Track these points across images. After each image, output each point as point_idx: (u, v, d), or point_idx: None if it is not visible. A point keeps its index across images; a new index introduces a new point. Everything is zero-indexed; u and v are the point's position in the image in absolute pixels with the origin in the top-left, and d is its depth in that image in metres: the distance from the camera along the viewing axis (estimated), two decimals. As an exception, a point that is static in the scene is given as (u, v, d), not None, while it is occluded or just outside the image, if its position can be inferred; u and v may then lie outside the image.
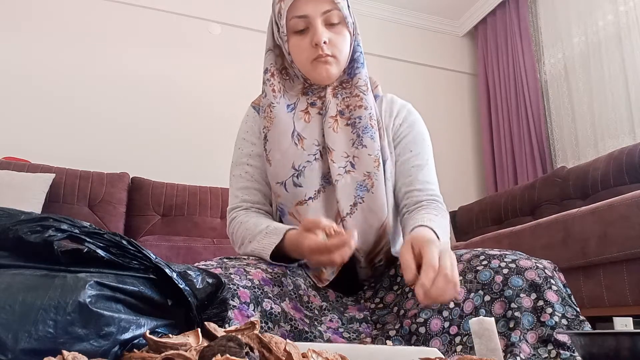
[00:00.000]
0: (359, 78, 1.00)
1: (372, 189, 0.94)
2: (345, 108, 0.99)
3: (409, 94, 3.60)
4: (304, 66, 0.97)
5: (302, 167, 0.95)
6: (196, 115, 3.02)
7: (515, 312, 0.76)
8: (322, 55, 0.94)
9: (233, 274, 0.80)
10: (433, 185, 1.01)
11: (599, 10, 2.95)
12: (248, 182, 1.03)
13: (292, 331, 0.78)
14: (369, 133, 0.96)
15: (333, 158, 0.95)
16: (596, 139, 2.93)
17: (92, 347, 0.48)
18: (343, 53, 0.98)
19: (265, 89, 1.00)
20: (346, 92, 1.00)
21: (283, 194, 0.96)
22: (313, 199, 0.95)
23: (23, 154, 2.48)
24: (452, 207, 3.32)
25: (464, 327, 0.77)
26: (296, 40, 0.96)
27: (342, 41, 0.97)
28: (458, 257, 0.86)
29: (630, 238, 1.49)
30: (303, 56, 0.96)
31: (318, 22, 0.94)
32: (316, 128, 0.98)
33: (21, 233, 0.50)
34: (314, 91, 1.01)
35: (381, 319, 0.89)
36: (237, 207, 1.02)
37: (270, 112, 0.98)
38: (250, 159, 1.03)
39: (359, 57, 1.01)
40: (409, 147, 1.02)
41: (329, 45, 0.94)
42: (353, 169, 0.95)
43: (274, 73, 1.01)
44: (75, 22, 2.88)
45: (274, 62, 1.02)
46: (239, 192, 1.03)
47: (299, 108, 1.00)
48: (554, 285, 0.78)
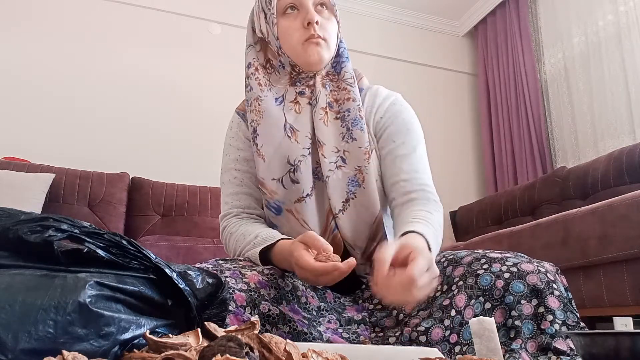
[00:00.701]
0: (345, 71, 0.99)
1: (363, 183, 0.92)
2: (334, 101, 0.97)
3: (409, 93, 3.60)
4: (295, 49, 0.95)
5: (297, 161, 0.93)
6: (196, 115, 3.02)
7: (516, 321, 0.75)
8: (314, 36, 0.93)
9: (229, 277, 0.79)
10: (421, 174, 0.96)
11: (599, 10, 2.95)
12: (237, 187, 1.01)
13: (290, 332, 0.78)
14: (359, 125, 0.94)
15: (324, 153, 0.93)
16: (596, 139, 2.93)
17: (92, 347, 0.48)
18: (332, 38, 0.97)
19: (251, 82, 0.98)
20: (334, 85, 0.99)
21: (281, 190, 0.94)
22: (310, 196, 0.93)
23: (23, 154, 2.48)
24: (452, 207, 3.32)
25: (464, 337, 0.76)
26: (286, 22, 0.94)
27: (331, 26, 0.97)
28: (459, 259, 0.85)
29: (630, 238, 1.49)
30: (294, 38, 0.94)
31: (309, 3, 0.93)
32: (307, 119, 0.96)
33: (21, 233, 0.50)
34: (302, 80, 0.98)
35: (380, 321, 0.88)
36: (227, 214, 1.01)
37: (259, 105, 0.95)
38: (237, 163, 1.02)
39: (344, 52, 1.01)
40: (392, 137, 0.98)
41: (320, 28, 0.93)
42: (344, 164, 0.93)
43: (258, 67, 0.99)
44: (75, 22, 2.88)
45: (256, 57, 1.00)
46: (229, 199, 1.02)
47: (288, 99, 0.97)
48: (555, 290, 0.77)
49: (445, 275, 0.84)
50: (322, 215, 0.94)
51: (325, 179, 0.92)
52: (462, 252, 0.88)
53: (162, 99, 2.97)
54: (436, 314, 0.80)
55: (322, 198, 0.94)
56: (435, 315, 0.80)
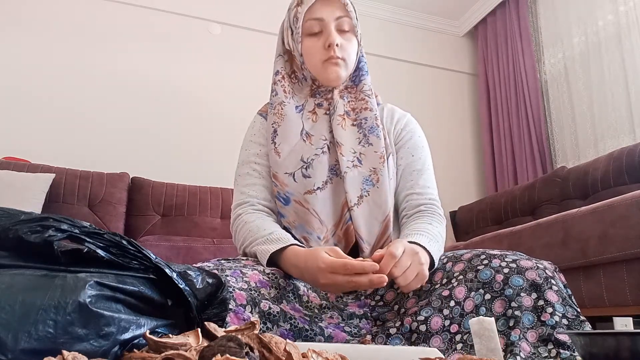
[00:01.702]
0: (364, 84, 1.08)
1: (377, 183, 0.99)
2: (351, 110, 1.05)
3: (409, 93, 3.63)
4: (315, 67, 1.03)
5: (310, 159, 1.01)
6: (196, 115, 3.02)
7: (516, 311, 0.76)
8: (333, 57, 1.01)
9: (229, 276, 0.80)
10: (432, 190, 1.06)
11: (599, 10, 2.95)
12: (255, 179, 1.06)
13: (291, 329, 0.78)
14: (375, 132, 1.02)
15: (342, 152, 1.00)
16: (596, 139, 2.93)
17: (92, 347, 0.48)
18: (351, 58, 1.05)
19: (277, 88, 1.07)
20: (352, 96, 1.07)
21: (291, 183, 1.00)
22: (321, 189, 0.99)
23: (23, 154, 2.48)
24: (452, 207, 3.32)
25: (465, 326, 0.77)
26: (310, 42, 1.03)
27: (351, 47, 1.04)
28: (459, 256, 0.88)
29: (630, 238, 1.49)
30: (316, 57, 1.03)
31: (332, 26, 1.01)
32: (324, 126, 1.04)
33: (21, 233, 0.50)
34: (321, 93, 1.07)
35: (381, 315, 0.90)
36: (243, 202, 1.04)
37: (282, 109, 1.04)
38: (257, 157, 1.07)
39: (364, 66, 1.09)
40: (411, 151, 1.08)
41: (340, 49, 1.01)
42: (360, 164, 1.01)
43: (284, 76, 1.07)
44: (75, 22, 2.88)
45: (284, 66, 1.08)
46: (245, 189, 1.05)
47: (307, 109, 1.06)
48: (554, 285, 0.79)
49: (445, 271, 0.87)
50: (337, 207, 1.00)
51: (343, 175, 0.99)
52: (461, 250, 0.91)
53: (162, 98, 2.97)
54: (435, 303, 0.82)
55: (338, 191, 1.00)
56: (434, 304, 0.82)
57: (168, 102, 2.98)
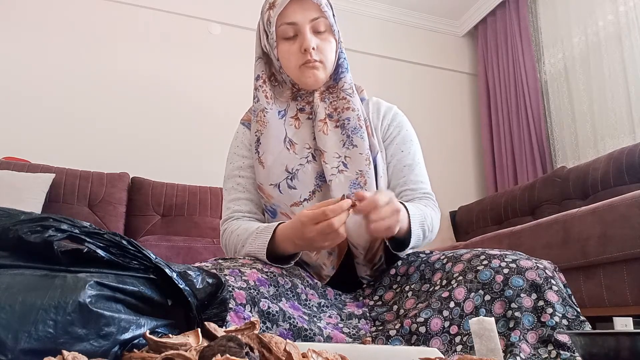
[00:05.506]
0: (344, 82, 1.05)
1: (365, 186, 0.98)
2: (334, 111, 1.03)
3: (408, 94, 3.62)
4: (293, 71, 1.02)
5: (295, 170, 0.99)
6: (196, 115, 3.02)
7: (516, 312, 0.76)
8: (310, 61, 0.99)
9: (228, 275, 0.80)
10: (425, 185, 1.05)
11: (599, 10, 2.95)
12: (240, 193, 1.05)
13: (291, 329, 0.78)
14: (359, 133, 1.00)
15: (325, 159, 0.98)
16: (596, 139, 2.93)
17: (92, 347, 0.48)
18: (329, 59, 1.02)
19: (258, 94, 1.05)
20: (333, 96, 1.05)
21: (277, 195, 0.99)
22: (308, 201, 0.98)
23: (23, 154, 2.48)
24: (452, 207, 3.32)
25: (464, 327, 0.77)
26: (285, 47, 1.01)
27: (328, 48, 1.02)
28: (458, 257, 0.87)
29: (630, 238, 1.49)
30: (292, 62, 1.00)
31: (306, 29, 0.98)
32: (307, 132, 1.02)
33: (21, 233, 0.50)
34: (302, 96, 1.05)
35: (380, 316, 0.89)
36: (228, 218, 1.04)
37: (264, 116, 1.02)
38: (241, 170, 1.06)
39: (343, 63, 1.06)
40: (400, 147, 1.06)
41: (316, 51, 0.99)
42: (345, 169, 0.99)
43: (265, 80, 1.05)
44: (75, 22, 2.88)
45: (264, 69, 1.06)
46: (231, 204, 1.05)
47: (289, 115, 1.04)
48: (554, 285, 0.78)
49: (444, 272, 0.87)
50: None
51: (329, 182, 0.97)
52: (461, 250, 0.91)
53: (162, 98, 2.97)
54: (434, 304, 0.81)
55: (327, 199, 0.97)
56: (434, 306, 0.81)
57: (168, 102, 2.98)
